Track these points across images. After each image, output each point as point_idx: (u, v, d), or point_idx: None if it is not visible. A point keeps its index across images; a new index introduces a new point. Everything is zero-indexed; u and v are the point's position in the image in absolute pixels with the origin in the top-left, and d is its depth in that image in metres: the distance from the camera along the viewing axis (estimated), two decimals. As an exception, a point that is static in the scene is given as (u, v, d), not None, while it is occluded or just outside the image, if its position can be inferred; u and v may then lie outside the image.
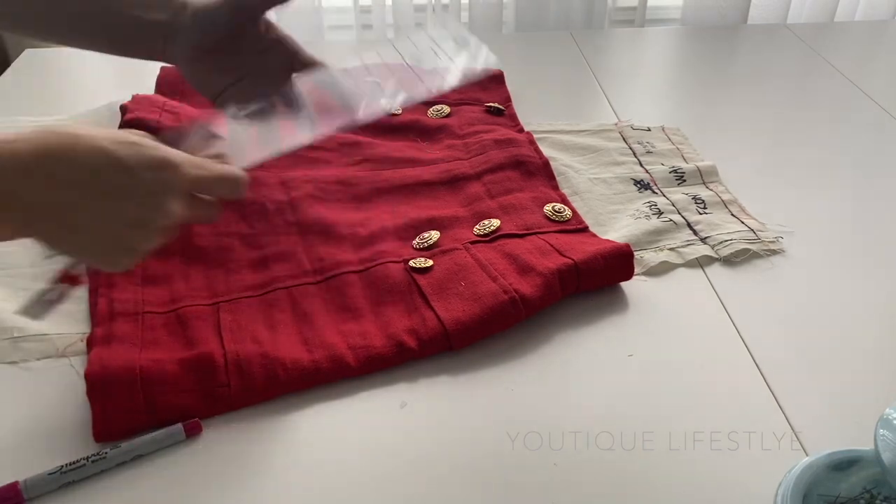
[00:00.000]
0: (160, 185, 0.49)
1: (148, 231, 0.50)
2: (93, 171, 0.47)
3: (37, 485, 0.48)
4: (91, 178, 0.47)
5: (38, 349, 0.58)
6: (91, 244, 0.49)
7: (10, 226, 0.47)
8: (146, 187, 0.48)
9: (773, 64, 1.06)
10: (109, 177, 0.47)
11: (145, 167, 0.48)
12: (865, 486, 0.45)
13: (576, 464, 0.50)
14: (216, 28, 0.66)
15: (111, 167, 0.47)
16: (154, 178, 0.49)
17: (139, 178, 0.48)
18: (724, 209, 0.74)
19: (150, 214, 0.49)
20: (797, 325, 0.62)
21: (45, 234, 0.48)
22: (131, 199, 0.48)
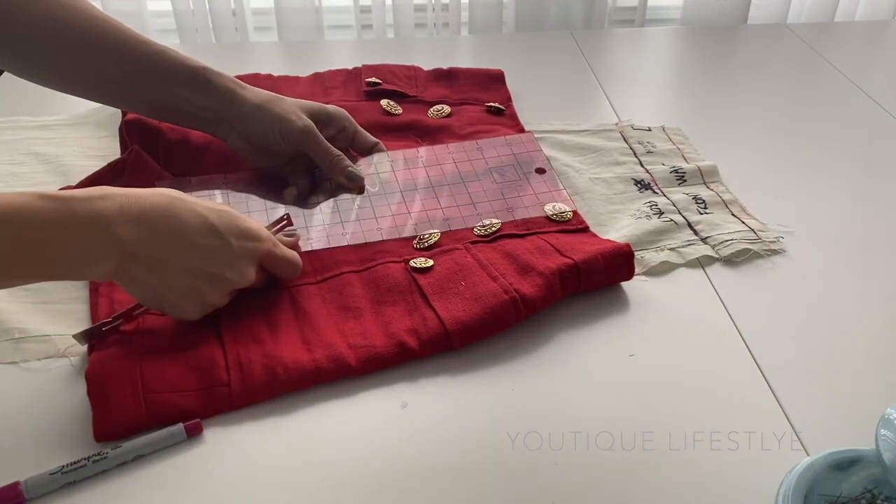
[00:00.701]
0: (243, 251, 0.57)
1: (222, 288, 0.57)
2: (189, 231, 0.54)
3: (38, 485, 0.48)
4: (186, 236, 0.54)
5: (38, 349, 0.58)
6: (170, 293, 0.55)
7: (112, 267, 0.52)
8: (231, 251, 0.56)
9: (773, 64, 1.06)
10: (202, 238, 0.55)
11: (234, 234, 0.56)
12: (866, 486, 0.45)
13: (576, 464, 0.50)
14: (270, 149, 0.73)
15: (205, 229, 0.55)
16: (239, 245, 0.57)
17: (227, 242, 0.56)
18: (724, 209, 0.74)
19: (228, 275, 0.57)
20: (798, 325, 0.62)
21: (136, 280, 0.54)
22: (216, 260, 0.56)
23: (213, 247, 0.55)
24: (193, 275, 0.55)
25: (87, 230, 0.50)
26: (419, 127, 0.85)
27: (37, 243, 0.49)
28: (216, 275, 0.56)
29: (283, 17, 1.34)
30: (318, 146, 0.72)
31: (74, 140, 0.83)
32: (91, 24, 0.68)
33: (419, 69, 0.96)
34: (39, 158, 0.80)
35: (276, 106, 0.71)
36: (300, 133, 0.71)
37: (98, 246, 0.51)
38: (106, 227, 0.51)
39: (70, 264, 0.51)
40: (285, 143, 0.72)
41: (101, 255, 0.51)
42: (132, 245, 0.52)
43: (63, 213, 0.49)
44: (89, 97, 0.72)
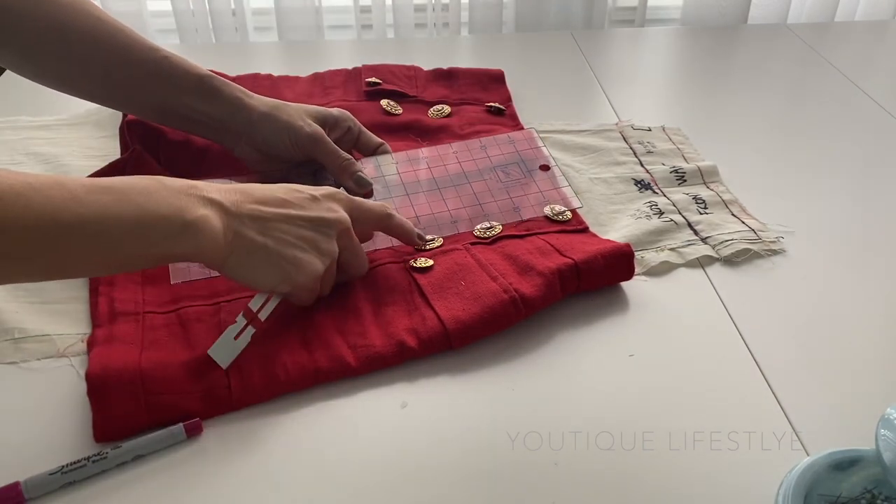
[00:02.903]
0: (329, 208, 0.59)
1: (328, 235, 0.58)
2: (274, 189, 0.57)
3: (38, 485, 0.48)
4: (275, 192, 0.57)
5: (38, 350, 0.58)
6: (286, 250, 0.56)
7: (221, 227, 0.53)
8: (317, 198, 0.59)
9: (773, 64, 1.06)
10: (287, 192, 0.57)
11: (311, 188, 0.59)
12: (866, 486, 0.45)
13: (576, 464, 0.50)
14: (279, 156, 0.73)
15: (285, 187, 0.58)
16: (325, 205, 0.59)
17: (309, 193, 0.58)
18: (724, 209, 0.74)
19: (327, 215, 0.58)
20: (798, 325, 0.62)
21: (249, 245, 0.54)
22: (309, 206, 0.58)
23: (301, 197, 0.58)
24: (298, 224, 0.56)
25: (183, 194, 0.51)
26: (419, 127, 0.85)
27: (144, 207, 0.49)
28: (316, 219, 0.57)
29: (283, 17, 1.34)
30: (328, 151, 0.72)
31: (74, 140, 0.83)
32: (97, 26, 0.67)
33: (419, 69, 0.96)
34: (39, 158, 0.79)
35: (282, 113, 0.71)
36: (309, 139, 0.71)
37: (199, 206, 0.51)
38: (200, 192, 0.52)
39: (180, 227, 0.50)
40: (295, 149, 0.72)
41: (207, 215, 0.51)
42: (231, 205, 0.53)
43: (155, 184, 0.51)
44: (94, 100, 0.72)
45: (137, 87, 0.69)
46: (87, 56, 0.67)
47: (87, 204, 0.46)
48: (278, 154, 0.72)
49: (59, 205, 0.45)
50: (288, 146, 0.72)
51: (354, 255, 0.61)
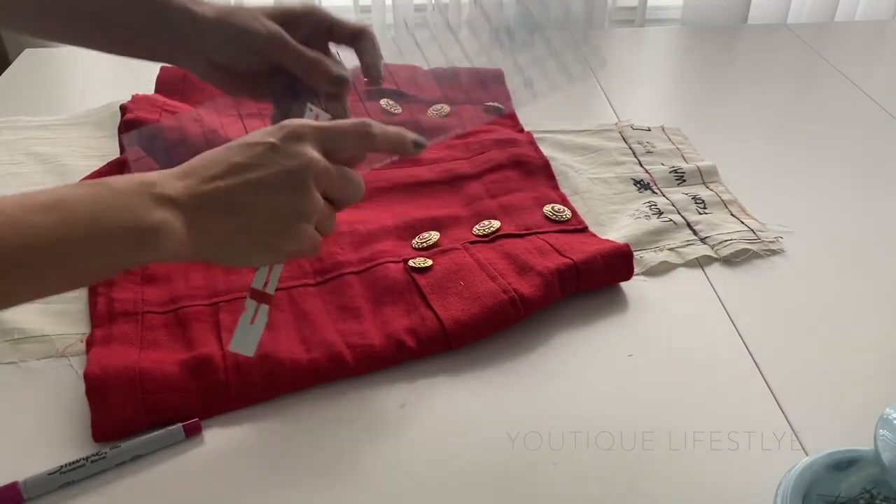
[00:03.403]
0: (293, 153, 0.49)
1: (300, 188, 0.49)
2: (229, 156, 0.49)
3: (36, 485, 0.48)
4: (230, 160, 0.49)
5: (38, 350, 0.58)
6: (260, 221, 0.49)
7: (183, 226, 0.47)
8: (283, 159, 0.49)
9: (773, 64, 1.06)
10: (249, 156, 0.49)
11: (268, 134, 0.50)
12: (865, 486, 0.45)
13: (576, 464, 0.50)
14: (239, 69, 0.63)
15: (248, 146, 0.50)
16: (287, 151, 0.49)
17: (274, 148, 0.49)
18: (723, 209, 0.74)
19: (291, 164, 0.49)
20: (797, 325, 0.62)
21: (219, 229, 0.48)
22: (271, 163, 0.49)
23: (258, 152, 0.49)
24: (264, 188, 0.49)
25: (134, 197, 0.45)
26: (418, 126, 0.85)
27: (92, 223, 0.43)
28: (282, 175, 0.49)
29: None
30: (290, 52, 0.61)
31: (73, 140, 0.83)
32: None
33: (419, 69, 0.96)
34: (38, 159, 0.80)
35: (235, 17, 0.62)
36: (267, 41, 0.61)
37: (152, 208, 0.46)
38: (152, 189, 0.46)
39: (136, 238, 0.45)
40: (254, 57, 0.62)
41: (164, 220, 0.46)
42: (186, 195, 0.47)
43: (101, 191, 0.45)
44: (28, 22, 0.63)
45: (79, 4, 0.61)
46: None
47: (26, 228, 0.41)
48: (238, 66, 0.62)
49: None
50: (245, 55, 0.62)
51: (343, 188, 0.53)
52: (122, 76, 0.99)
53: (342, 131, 0.52)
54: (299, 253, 0.52)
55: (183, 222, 0.47)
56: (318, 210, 0.51)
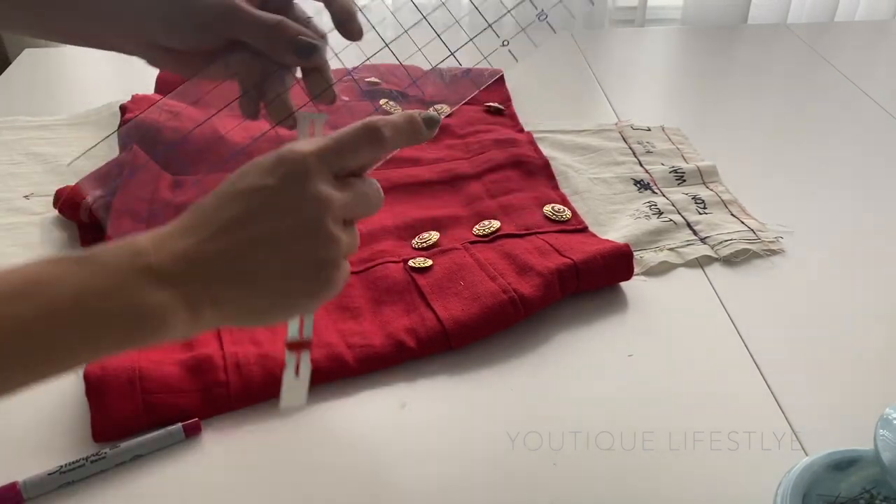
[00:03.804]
0: (301, 195, 0.41)
1: (318, 231, 0.42)
2: (235, 204, 0.41)
3: (36, 485, 0.48)
4: (235, 215, 0.41)
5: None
6: (278, 306, 0.43)
7: (185, 301, 0.39)
8: (291, 201, 0.41)
9: (773, 64, 1.06)
10: (251, 204, 0.41)
11: (264, 173, 0.41)
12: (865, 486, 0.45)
13: (576, 464, 0.50)
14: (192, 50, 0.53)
15: (249, 193, 0.41)
16: (294, 191, 0.41)
17: (281, 186, 0.41)
18: (723, 209, 0.74)
19: (311, 244, 0.42)
20: (797, 325, 0.62)
21: (237, 298, 0.41)
22: (285, 232, 0.41)
23: (262, 196, 0.41)
24: (275, 246, 0.41)
25: (125, 275, 0.38)
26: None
27: (78, 312, 0.36)
28: (293, 227, 0.41)
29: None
30: (246, 20, 0.51)
31: (73, 140, 0.83)
32: None
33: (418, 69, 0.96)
34: (38, 159, 0.79)
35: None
36: (213, 12, 0.50)
37: (148, 289, 0.38)
38: (145, 261, 0.38)
39: (131, 326, 0.38)
40: (202, 34, 0.51)
41: (162, 303, 0.38)
42: (186, 268, 0.39)
43: (84, 273, 0.37)
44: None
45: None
46: None
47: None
48: (187, 45, 0.52)
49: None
50: (192, 32, 0.51)
51: (362, 206, 0.45)
52: (122, 76, 0.99)
53: (349, 145, 0.44)
54: (333, 295, 0.44)
55: (185, 301, 0.39)
56: (339, 247, 0.43)
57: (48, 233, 0.69)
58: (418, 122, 0.47)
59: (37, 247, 0.68)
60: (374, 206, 0.46)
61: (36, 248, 0.68)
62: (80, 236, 0.69)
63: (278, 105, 0.53)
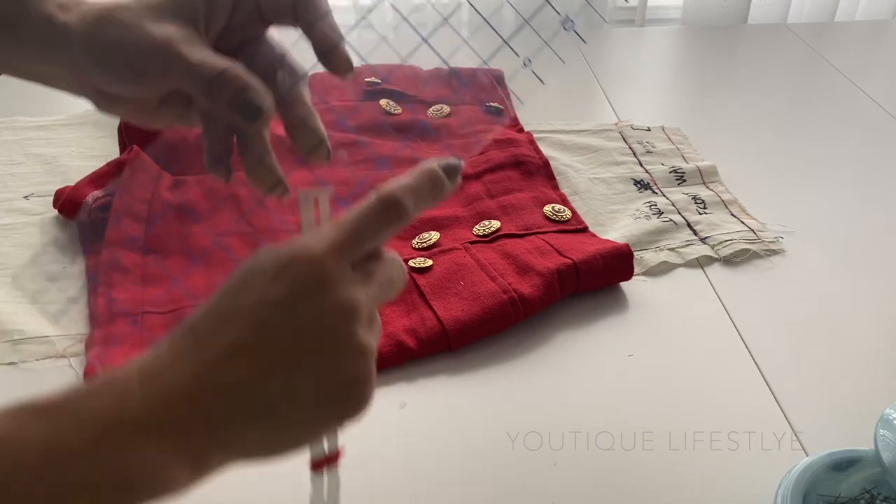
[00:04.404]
0: (310, 287, 0.34)
1: (352, 385, 0.36)
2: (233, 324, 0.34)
3: (36, 485, 0.47)
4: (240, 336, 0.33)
5: (38, 351, 0.58)
6: (302, 437, 0.36)
7: (191, 454, 0.32)
8: (303, 312, 0.34)
9: (773, 64, 1.06)
10: (254, 322, 0.34)
11: (272, 280, 0.34)
12: (865, 487, 0.45)
13: (576, 464, 0.50)
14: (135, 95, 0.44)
15: (248, 314, 0.34)
16: (298, 288, 0.34)
17: (284, 305, 0.34)
18: (724, 209, 0.74)
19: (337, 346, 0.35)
20: (797, 325, 0.62)
21: (249, 451, 0.35)
22: (298, 341, 0.34)
23: (271, 325, 0.33)
24: (295, 376, 0.34)
25: (101, 428, 0.30)
26: (418, 126, 0.85)
27: (46, 478, 0.29)
28: (315, 349, 0.34)
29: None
30: (180, 66, 0.41)
31: (73, 140, 0.83)
32: None
33: (419, 69, 0.96)
34: (38, 159, 0.79)
35: (111, 25, 0.41)
36: (150, 55, 0.41)
37: (134, 445, 0.31)
38: (128, 403, 0.31)
39: (117, 488, 0.30)
40: (140, 80, 0.42)
41: (156, 463, 0.31)
42: (186, 411, 0.32)
43: (58, 425, 0.30)
44: None
45: None
46: None
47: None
48: (129, 92, 0.43)
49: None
50: (131, 76, 0.42)
51: (388, 292, 0.39)
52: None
53: (367, 229, 0.37)
54: (367, 412, 0.37)
55: (185, 452, 0.32)
56: (373, 353, 0.37)
57: (48, 233, 0.69)
58: (439, 177, 0.39)
59: (37, 247, 0.68)
60: (400, 287, 0.40)
61: (36, 248, 0.68)
62: (80, 236, 0.69)
63: (262, 172, 0.45)
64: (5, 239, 0.68)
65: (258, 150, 0.45)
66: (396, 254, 0.40)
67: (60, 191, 0.71)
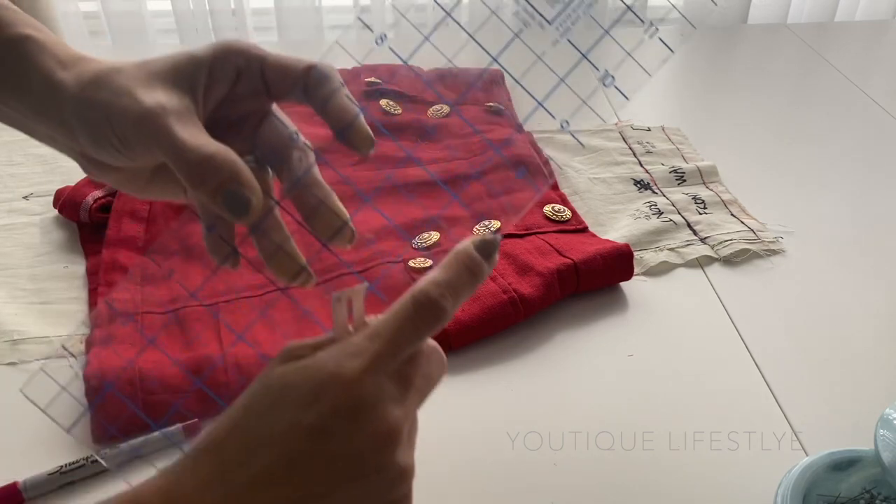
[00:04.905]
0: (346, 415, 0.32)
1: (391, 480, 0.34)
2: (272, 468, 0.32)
3: (36, 485, 0.48)
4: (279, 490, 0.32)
5: (37, 350, 0.58)
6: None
7: None
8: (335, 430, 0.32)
9: (773, 64, 1.06)
10: (292, 464, 0.32)
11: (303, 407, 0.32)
12: (865, 487, 0.45)
13: (576, 464, 0.50)
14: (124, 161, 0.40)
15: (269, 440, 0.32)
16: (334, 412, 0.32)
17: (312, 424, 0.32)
18: (724, 209, 0.74)
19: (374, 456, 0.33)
20: (797, 325, 0.62)
21: None
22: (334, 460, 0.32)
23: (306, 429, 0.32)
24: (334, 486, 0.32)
25: None
26: (419, 127, 0.85)
27: None
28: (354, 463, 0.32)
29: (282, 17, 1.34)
30: (164, 143, 0.37)
31: (74, 140, 0.83)
32: None
33: (419, 69, 0.96)
34: (37, 159, 0.79)
35: (105, 86, 0.38)
36: (136, 125, 0.37)
37: None
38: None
39: None
40: (128, 149, 0.38)
41: None
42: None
43: None
44: None
45: None
46: None
47: None
48: (116, 161, 0.40)
49: None
50: (118, 145, 0.38)
51: (427, 393, 0.38)
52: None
53: (406, 338, 0.35)
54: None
55: None
56: (413, 472, 0.36)
57: (48, 233, 0.69)
58: (476, 262, 0.38)
59: (37, 247, 0.68)
60: (440, 380, 0.38)
61: (36, 248, 0.68)
62: (80, 236, 0.69)
63: (282, 260, 0.42)
64: (5, 239, 0.68)
65: (276, 236, 0.41)
66: (436, 345, 0.37)
67: (60, 191, 0.71)
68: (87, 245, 0.67)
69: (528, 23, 0.42)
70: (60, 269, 0.65)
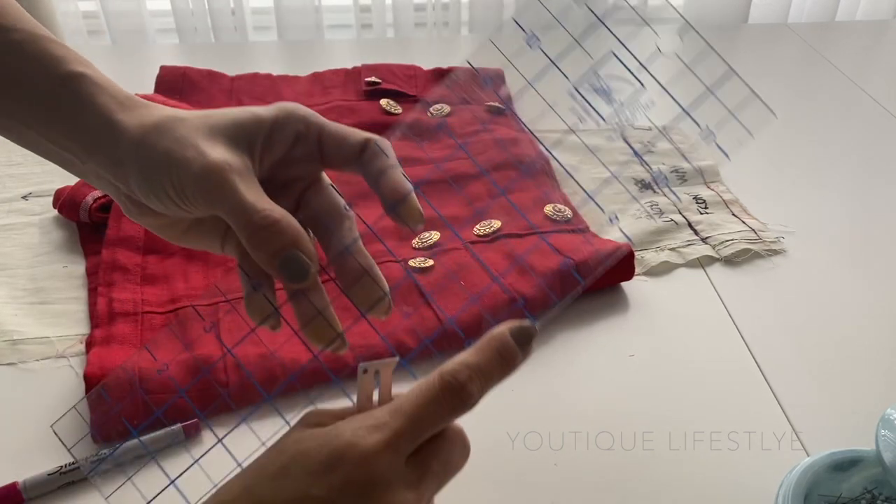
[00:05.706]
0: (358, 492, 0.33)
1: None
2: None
3: (36, 485, 0.48)
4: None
5: (37, 351, 0.58)
6: None
7: None
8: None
9: (773, 64, 1.05)
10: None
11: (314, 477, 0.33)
12: (866, 487, 0.45)
13: (576, 464, 0.50)
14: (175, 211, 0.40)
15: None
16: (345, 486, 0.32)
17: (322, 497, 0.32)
18: (725, 209, 0.74)
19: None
20: (798, 325, 0.62)
21: None
22: None
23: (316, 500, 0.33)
24: None
25: None
26: (419, 126, 0.85)
27: None
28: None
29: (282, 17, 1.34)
30: (227, 200, 0.37)
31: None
32: None
33: (419, 69, 0.96)
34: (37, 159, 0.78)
35: (167, 134, 0.38)
36: (196, 177, 0.37)
37: None
38: None
39: None
40: (183, 200, 0.38)
41: None
42: None
43: None
44: None
45: None
46: None
47: None
48: (166, 209, 0.39)
49: None
50: (174, 195, 0.38)
51: (446, 480, 0.38)
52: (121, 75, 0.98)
53: (428, 421, 0.35)
54: None
55: None
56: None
57: (48, 233, 0.69)
58: (511, 350, 0.38)
59: (36, 247, 0.68)
60: (461, 467, 0.38)
61: (35, 248, 0.68)
62: (80, 236, 0.69)
63: (320, 326, 0.41)
64: (5, 239, 0.68)
65: (317, 301, 0.41)
66: (460, 429, 0.36)
67: (60, 191, 0.71)
68: (86, 245, 0.67)
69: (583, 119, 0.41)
70: (60, 269, 0.65)
